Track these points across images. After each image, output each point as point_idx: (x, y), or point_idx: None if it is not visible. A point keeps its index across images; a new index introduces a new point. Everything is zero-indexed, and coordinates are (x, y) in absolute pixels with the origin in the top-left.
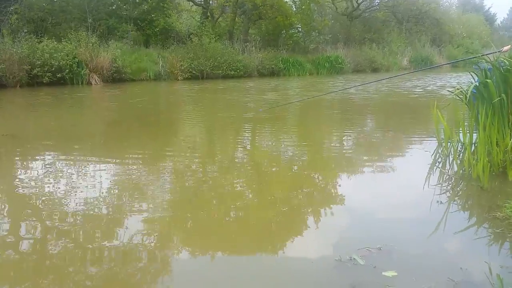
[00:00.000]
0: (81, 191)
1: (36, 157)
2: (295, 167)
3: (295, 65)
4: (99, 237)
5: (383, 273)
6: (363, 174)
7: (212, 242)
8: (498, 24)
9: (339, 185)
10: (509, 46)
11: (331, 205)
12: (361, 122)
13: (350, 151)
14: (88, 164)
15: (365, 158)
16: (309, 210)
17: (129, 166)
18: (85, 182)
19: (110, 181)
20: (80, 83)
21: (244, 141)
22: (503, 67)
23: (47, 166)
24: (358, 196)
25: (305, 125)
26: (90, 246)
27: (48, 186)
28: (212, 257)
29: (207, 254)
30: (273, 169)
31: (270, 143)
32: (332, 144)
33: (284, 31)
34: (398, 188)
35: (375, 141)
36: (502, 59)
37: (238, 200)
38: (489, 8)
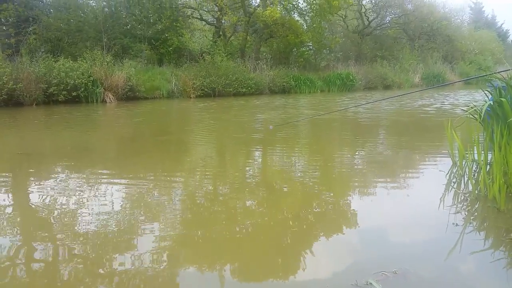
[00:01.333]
0: (94, 209)
1: (50, 176)
2: (307, 187)
3: (306, 82)
4: (110, 255)
5: None
6: (377, 194)
7: (222, 262)
8: (511, 40)
9: (353, 206)
10: None
11: (344, 226)
12: (373, 141)
13: (363, 170)
14: (101, 182)
15: (378, 178)
16: (322, 231)
17: (141, 185)
18: (97, 200)
19: (122, 199)
20: (94, 101)
21: (255, 160)
22: None
23: (61, 184)
24: (372, 216)
25: (316, 143)
26: (101, 264)
27: (61, 204)
28: (222, 278)
29: (217, 274)
30: (284, 189)
31: (280, 161)
32: (344, 163)
33: (295, 49)
34: (413, 208)
35: (388, 161)
36: None
37: (249, 220)
38: (501, 25)
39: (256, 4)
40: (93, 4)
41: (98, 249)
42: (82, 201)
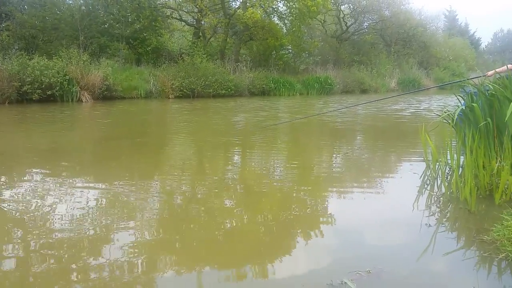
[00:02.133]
0: (68, 211)
1: (22, 176)
2: (285, 189)
3: (286, 85)
4: (85, 257)
5: None
6: (353, 196)
7: (200, 264)
8: (483, 48)
9: (329, 207)
10: (494, 71)
11: (321, 227)
12: (350, 144)
13: (340, 173)
14: (75, 183)
15: (354, 180)
16: (298, 233)
17: (117, 186)
18: (72, 201)
19: (98, 200)
20: (70, 100)
21: (233, 163)
22: (488, 92)
23: (33, 184)
24: (347, 218)
25: (294, 146)
26: (75, 266)
27: (34, 205)
28: (199, 280)
29: (195, 276)
30: (263, 190)
31: (259, 164)
32: (322, 166)
33: (275, 52)
34: (388, 210)
35: (364, 163)
36: (487, 83)
37: (227, 221)
38: (474, 33)
39: (236, 6)
40: (70, 2)
41: (72, 252)
42: (55, 203)
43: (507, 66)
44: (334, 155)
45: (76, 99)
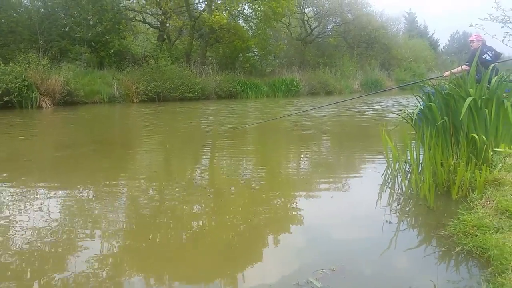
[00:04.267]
0: (29, 222)
1: None
2: (252, 191)
3: (253, 87)
4: (49, 269)
5: None
6: (318, 196)
7: (168, 268)
8: (441, 49)
9: (295, 209)
10: (450, 71)
11: (287, 228)
12: (315, 145)
13: (306, 174)
14: (36, 194)
15: (319, 180)
16: (265, 235)
17: (81, 195)
18: (33, 212)
19: (61, 211)
20: (29, 107)
21: (201, 167)
22: (445, 91)
23: None
24: (312, 218)
25: (261, 149)
26: (39, 280)
27: None
28: (169, 284)
29: (164, 281)
30: (231, 194)
31: (227, 168)
32: (289, 168)
33: (241, 55)
34: (351, 209)
35: (329, 164)
36: (444, 83)
37: (194, 225)
38: (432, 34)
39: (202, 8)
40: (28, 4)
41: (34, 265)
42: (16, 213)
43: (461, 67)
44: (301, 157)
45: (35, 105)
